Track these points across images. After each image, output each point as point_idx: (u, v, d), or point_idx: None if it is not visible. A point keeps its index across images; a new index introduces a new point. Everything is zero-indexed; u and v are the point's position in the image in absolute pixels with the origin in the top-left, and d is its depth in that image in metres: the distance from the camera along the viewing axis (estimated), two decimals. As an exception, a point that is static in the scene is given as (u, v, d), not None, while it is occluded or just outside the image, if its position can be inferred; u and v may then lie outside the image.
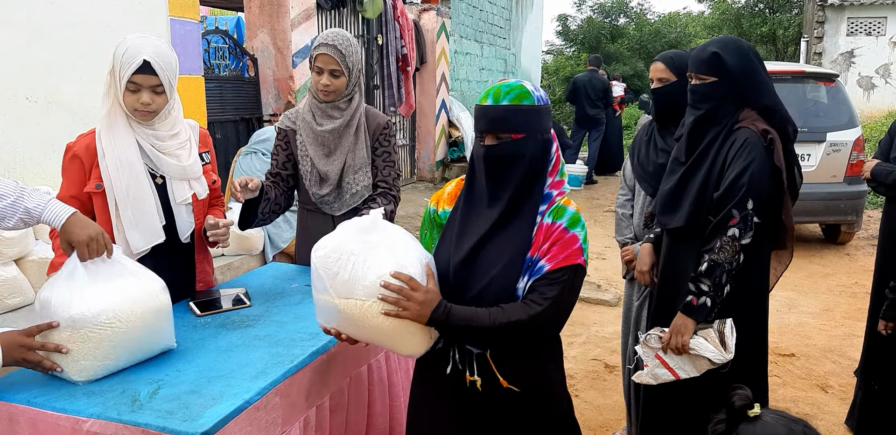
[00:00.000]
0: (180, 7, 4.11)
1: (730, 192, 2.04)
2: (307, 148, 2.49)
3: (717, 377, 2.10)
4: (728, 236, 2.02)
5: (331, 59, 2.36)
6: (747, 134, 2.07)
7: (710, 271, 2.03)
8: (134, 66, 1.91)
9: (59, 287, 1.58)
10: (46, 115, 3.40)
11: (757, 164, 2.03)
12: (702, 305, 2.05)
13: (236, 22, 8.38)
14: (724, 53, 2.09)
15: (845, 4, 15.73)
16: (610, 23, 23.96)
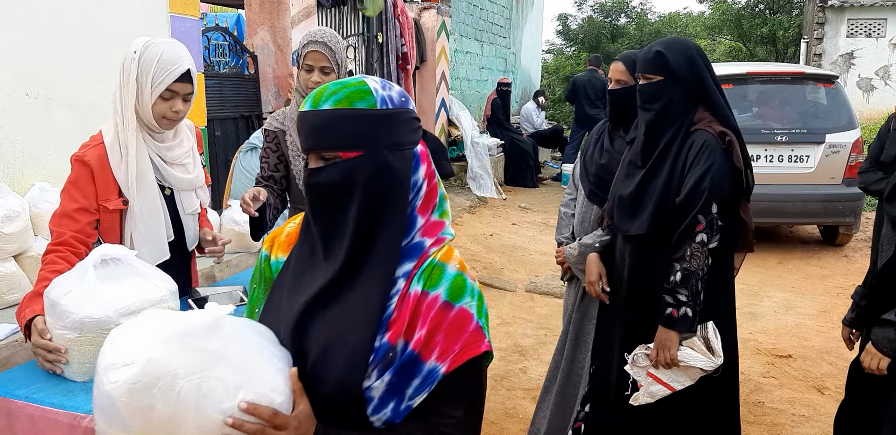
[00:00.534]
0: (181, 4, 4.11)
1: (692, 197, 2.03)
2: (299, 148, 2.46)
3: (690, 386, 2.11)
4: (697, 243, 2.02)
5: (321, 56, 2.34)
6: (705, 137, 2.06)
7: (685, 280, 2.02)
8: (176, 73, 1.88)
9: (69, 288, 1.56)
10: (46, 111, 3.39)
11: (717, 168, 2.03)
12: (683, 316, 2.03)
13: (236, 19, 8.37)
14: (668, 52, 2.11)
15: (845, 6, 15.74)
16: (610, 22, 23.96)
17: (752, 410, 3.35)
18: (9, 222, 2.99)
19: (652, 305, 2.13)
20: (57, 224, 1.88)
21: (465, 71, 10.90)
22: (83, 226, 1.88)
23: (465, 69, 10.94)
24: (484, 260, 5.99)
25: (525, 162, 10.12)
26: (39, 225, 3.24)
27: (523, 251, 6.37)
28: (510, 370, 3.76)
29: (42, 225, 3.24)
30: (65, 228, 1.86)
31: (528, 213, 8.28)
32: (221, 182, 5.08)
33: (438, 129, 9.07)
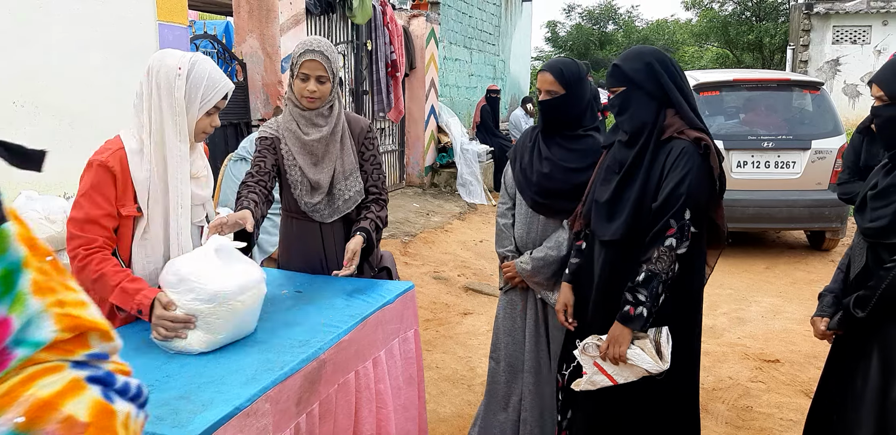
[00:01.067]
0: (169, 11, 4.11)
1: (668, 202, 2.07)
2: (295, 157, 2.45)
3: (649, 381, 2.15)
4: (665, 246, 2.05)
5: (318, 65, 2.34)
6: (682, 144, 2.09)
7: (647, 281, 2.06)
8: (223, 91, 1.99)
9: (196, 268, 1.77)
10: (34, 119, 3.38)
11: (694, 174, 2.06)
12: (638, 315, 2.07)
13: (225, 27, 8.38)
14: (623, 63, 2.17)
15: (831, 13, 15.92)
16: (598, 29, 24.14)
17: (740, 414, 3.36)
18: (-4, 231, 2.99)
19: (616, 302, 2.16)
20: (82, 229, 1.89)
21: (454, 78, 10.93)
22: (110, 232, 1.93)
23: (455, 76, 10.98)
24: (474, 266, 6.00)
25: (514, 168, 10.14)
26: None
27: (513, 257, 6.38)
28: (500, 377, 3.76)
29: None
30: (94, 234, 1.89)
31: (518, 220, 8.29)
32: (211, 189, 5.07)
33: (428, 135, 9.10)
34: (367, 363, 2.07)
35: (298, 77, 2.36)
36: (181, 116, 1.94)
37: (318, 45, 2.35)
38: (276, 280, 2.45)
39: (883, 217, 1.94)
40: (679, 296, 2.15)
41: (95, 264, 1.86)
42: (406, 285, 2.42)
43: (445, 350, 4.13)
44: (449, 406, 3.41)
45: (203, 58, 1.99)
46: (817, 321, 2.21)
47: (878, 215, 1.96)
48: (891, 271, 1.89)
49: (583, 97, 2.44)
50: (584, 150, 2.47)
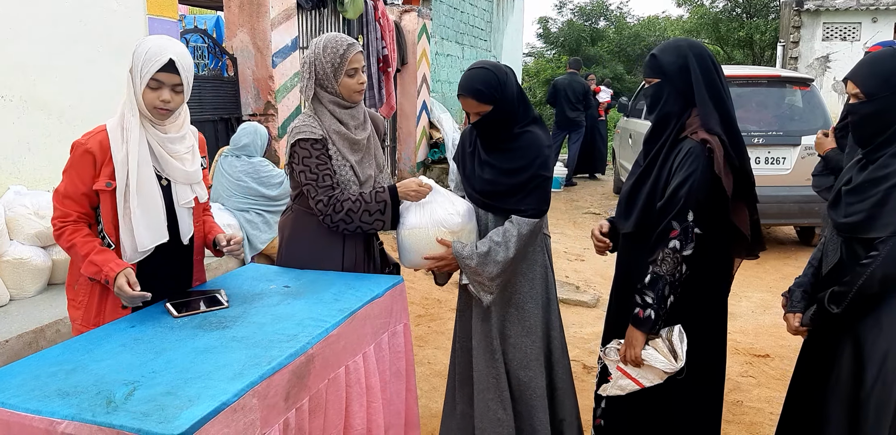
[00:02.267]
0: (159, 5, 4.08)
1: (669, 203, 2.07)
2: (346, 157, 2.42)
3: (674, 381, 2.16)
4: (669, 248, 2.05)
5: (362, 56, 2.40)
6: (690, 144, 2.09)
7: (652, 284, 2.07)
8: (159, 63, 2.00)
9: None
10: (22, 114, 3.36)
11: (697, 176, 2.05)
12: (647, 318, 2.09)
13: (215, 21, 8.33)
14: (660, 54, 2.17)
15: (821, 10, 15.97)
16: (590, 26, 24.13)
17: (730, 409, 3.38)
18: (-17, 226, 2.96)
19: (629, 303, 2.18)
20: (62, 203, 2.08)
21: (446, 73, 10.91)
22: (87, 209, 2.09)
23: (447, 72, 10.96)
24: (465, 262, 5.99)
25: (506, 164, 10.13)
26: (15, 229, 3.20)
27: (504, 253, 6.38)
28: (491, 372, 3.76)
29: (17, 229, 3.20)
30: (70, 209, 2.07)
31: (510, 216, 8.29)
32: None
33: (420, 131, 9.08)
34: (357, 358, 2.07)
35: (347, 74, 2.36)
36: (132, 91, 2.04)
37: (350, 38, 2.39)
38: (265, 275, 2.45)
39: (859, 212, 1.93)
40: (703, 296, 2.16)
41: (68, 235, 2.05)
42: (395, 279, 2.41)
43: (437, 346, 4.13)
44: (441, 401, 3.41)
45: (156, 37, 2.07)
46: (790, 318, 2.22)
47: (853, 211, 1.96)
48: (867, 267, 1.89)
49: (511, 101, 2.35)
50: (523, 147, 2.38)
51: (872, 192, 1.91)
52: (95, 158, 2.05)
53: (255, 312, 2.04)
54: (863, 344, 1.97)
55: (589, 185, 10.61)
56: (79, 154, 2.06)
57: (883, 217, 1.87)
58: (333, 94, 2.40)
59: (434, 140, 9.37)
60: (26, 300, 3.19)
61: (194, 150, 2.22)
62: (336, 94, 2.40)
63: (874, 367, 1.93)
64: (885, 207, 1.87)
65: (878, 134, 1.95)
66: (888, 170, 1.89)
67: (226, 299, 2.13)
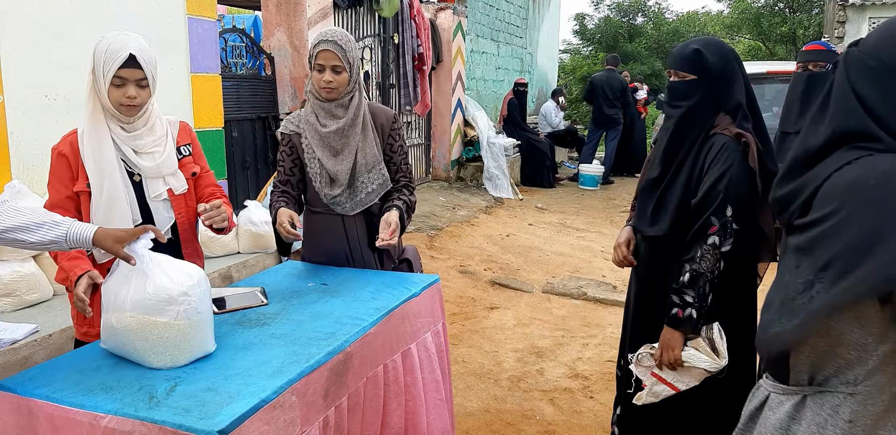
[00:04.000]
0: (198, 6, 4.13)
1: (707, 198, 2.02)
2: (314, 150, 2.45)
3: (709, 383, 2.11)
4: (708, 245, 2.00)
5: (332, 54, 2.33)
6: (724, 139, 2.04)
7: (692, 282, 2.01)
8: (120, 60, 1.95)
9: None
10: (65, 112, 3.42)
11: (735, 170, 2.01)
12: (688, 317, 2.02)
13: (253, 20, 8.41)
14: (706, 51, 2.08)
15: (867, 4, 15.56)
16: (627, 22, 23.84)
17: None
18: (29, 223, 3.02)
19: (661, 306, 2.13)
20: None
21: (481, 71, 10.88)
22: (74, 214, 2.03)
23: (482, 69, 10.92)
24: (500, 261, 5.98)
25: (542, 162, 10.08)
26: (59, 225, 3.27)
27: (540, 252, 6.34)
28: (527, 371, 3.74)
29: (62, 225, 3.27)
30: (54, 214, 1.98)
31: (545, 214, 8.25)
32: (239, 181, 5.10)
33: (454, 129, 9.07)
34: (395, 356, 2.06)
35: (315, 68, 2.37)
36: (94, 91, 2.01)
37: (332, 35, 2.35)
38: (302, 272, 2.46)
39: None
40: (734, 293, 2.11)
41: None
42: (431, 278, 2.40)
43: (472, 344, 4.12)
44: (476, 401, 3.40)
45: (114, 33, 2.01)
46: None
47: None
48: None
49: None
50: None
51: None
52: (69, 161, 2.04)
53: (293, 309, 2.05)
54: None
55: (626, 184, 10.49)
56: (54, 158, 2.06)
57: None
58: (313, 86, 2.43)
59: (468, 138, 9.34)
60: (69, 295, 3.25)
61: (166, 141, 2.16)
62: (314, 87, 2.43)
63: None
64: None
65: None
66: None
67: (265, 297, 2.14)
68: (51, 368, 1.64)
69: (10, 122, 3.15)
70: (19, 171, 3.22)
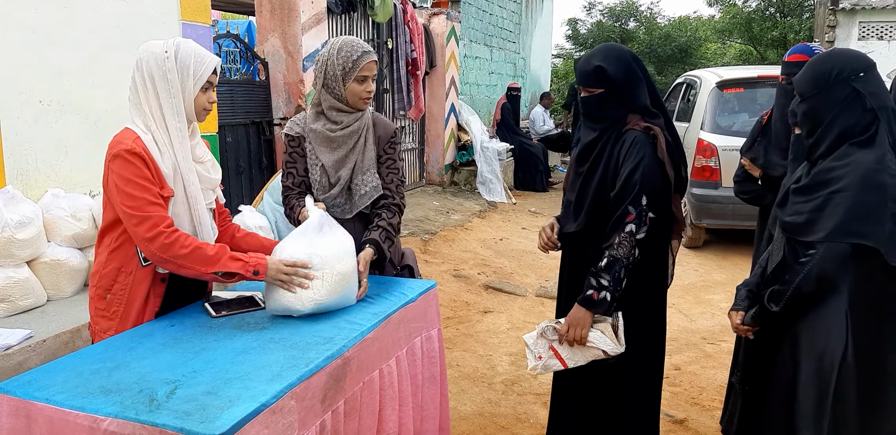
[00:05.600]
0: (192, 11, 4.14)
1: (624, 189, 2.14)
2: (317, 154, 2.46)
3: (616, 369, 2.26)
4: (626, 232, 2.13)
5: (374, 65, 2.39)
6: (634, 134, 2.19)
7: (609, 266, 2.13)
8: (212, 65, 2.02)
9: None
10: (59, 117, 3.43)
11: (647, 161, 2.15)
12: (602, 300, 2.14)
13: (247, 26, 8.43)
14: (607, 65, 2.20)
15: (857, 9, 15.69)
16: (620, 26, 23.95)
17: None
18: (22, 228, 3.02)
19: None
20: (148, 211, 1.92)
21: (474, 76, 10.92)
22: (166, 211, 1.99)
23: (475, 74, 10.96)
24: (494, 265, 5.99)
25: (535, 166, 10.11)
26: (52, 231, 3.26)
27: (533, 256, 6.36)
28: (521, 375, 3.75)
29: (55, 231, 3.26)
30: (161, 213, 1.95)
31: (538, 218, 8.27)
32: (234, 186, 5.11)
33: (448, 134, 9.09)
34: (390, 362, 2.07)
35: (356, 79, 2.36)
36: (177, 98, 1.99)
37: (366, 45, 2.40)
38: (299, 277, 2.46)
39: (801, 214, 1.96)
40: (644, 282, 2.26)
41: (184, 240, 1.94)
42: (428, 284, 2.42)
43: (466, 348, 4.13)
44: (470, 404, 3.41)
45: (184, 40, 2.05)
46: (733, 315, 2.24)
47: (796, 211, 1.99)
48: (805, 266, 1.91)
49: None
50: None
51: (815, 196, 1.93)
52: (147, 163, 1.96)
53: (290, 313, 2.06)
54: (800, 344, 2.00)
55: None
56: (134, 160, 1.93)
57: (819, 222, 1.89)
58: (337, 98, 2.40)
59: (462, 142, 9.37)
60: (63, 301, 3.24)
61: (209, 153, 2.20)
62: (340, 99, 2.40)
63: (810, 365, 1.96)
64: (822, 212, 1.89)
65: (810, 134, 2.01)
66: (830, 175, 1.91)
67: (263, 301, 2.15)
68: (50, 371, 1.64)
69: (4, 127, 3.15)
70: (13, 177, 3.22)
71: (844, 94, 1.92)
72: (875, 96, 1.91)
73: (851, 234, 1.83)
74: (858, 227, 1.82)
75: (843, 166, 1.88)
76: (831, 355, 1.91)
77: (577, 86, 2.30)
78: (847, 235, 1.84)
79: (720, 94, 6.64)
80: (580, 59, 2.33)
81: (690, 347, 4.22)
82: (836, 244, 1.86)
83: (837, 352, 1.90)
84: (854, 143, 1.90)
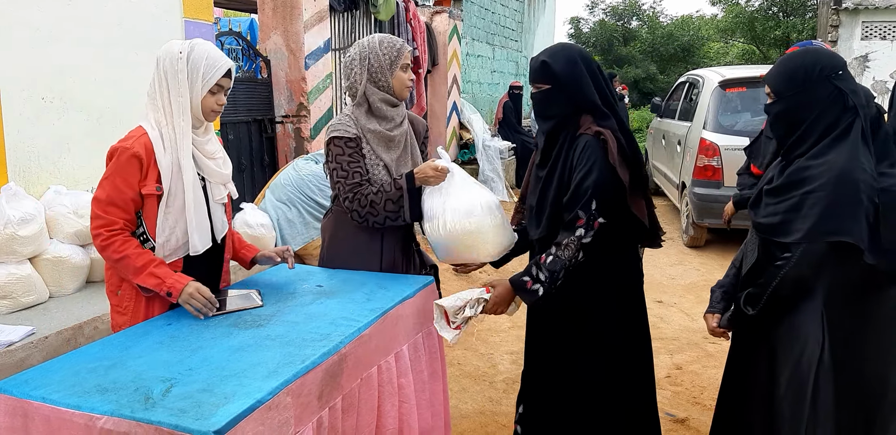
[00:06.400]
0: (195, 8, 4.14)
1: (576, 195, 2.15)
2: (378, 154, 2.45)
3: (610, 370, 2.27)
4: (575, 236, 2.14)
5: (410, 55, 2.48)
6: (586, 139, 2.18)
7: (552, 264, 2.15)
8: (224, 69, 2.07)
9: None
10: (61, 114, 3.43)
11: (598, 166, 2.13)
12: (533, 291, 2.15)
13: (250, 23, 8.42)
14: (552, 61, 2.22)
15: (860, 8, 15.65)
16: (622, 26, 23.93)
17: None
18: (24, 225, 3.02)
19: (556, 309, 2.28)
20: (105, 211, 2.04)
21: (476, 74, 10.91)
22: (131, 215, 2.07)
23: (477, 73, 10.95)
24: (495, 263, 5.98)
25: (537, 165, 10.10)
26: (54, 228, 3.27)
27: (535, 254, 6.36)
28: (522, 374, 3.75)
29: (57, 228, 3.27)
30: (115, 216, 2.04)
31: (540, 217, 8.26)
32: (235, 183, 5.10)
33: (450, 132, 9.09)
34: (388, 358, 2.07)
35: (402, 68, 2.44)
36: (184, 97, 2.06)
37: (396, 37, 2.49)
38: (298, 274, 2.47)
39: (775, 214, 1.93)
40: (616, 286, 2.28)
41: (118, 245, 2.02)
42: (426, 280, 2.42)
43: (467, 347, 4.13)
44: (471, 402, 3.41)
45: (202, 41, 2.10)
46: (709, 318, 2.23)
47: (770, 212, 1.96)
48: (781, 269, 1.89)
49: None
50: None
51: (788, 196, 1.90)
52: (142, 162, 2.04)
53: (288, 310, 2.06)
54: (776, 348, 1.99)
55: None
56: (125, 159, 2.03)
57: (795, 222, 1.86)
58: (385, 89, 2.44)
59: (464, 141, 9.37)
60: (65, 298, 3.25)
61: (222, 150, 2.27)
62: (387, 90, 2.44)
63: (787, 369, 1.94)
64: (798, 213, 1.86)
65: (789, 134, 1.96)
66: (805, 174, 1.87)
67: (260, 298, 2.15)
68: (47, 370, 1.64)
69: (6, 124, 3.15)
70: (15, 174, 3.23)
71: (827, 93, 1.89)
72: (855, 94, 1.89)
73: (829, 232, 1.80)
74: (836, 225, 1.79)
75: (819, 166, 1.85)
76: (808, 358, 1.90)
77: (531, 83, 2.32)
78: (825, 234, 1.81)
79: (723, 93, 6.63)
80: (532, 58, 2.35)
81: (692, 346, 4.22)
82: (813, 246, 1.83)
83: (814, 355, 1.89)
84: (829, 142, 1.87)
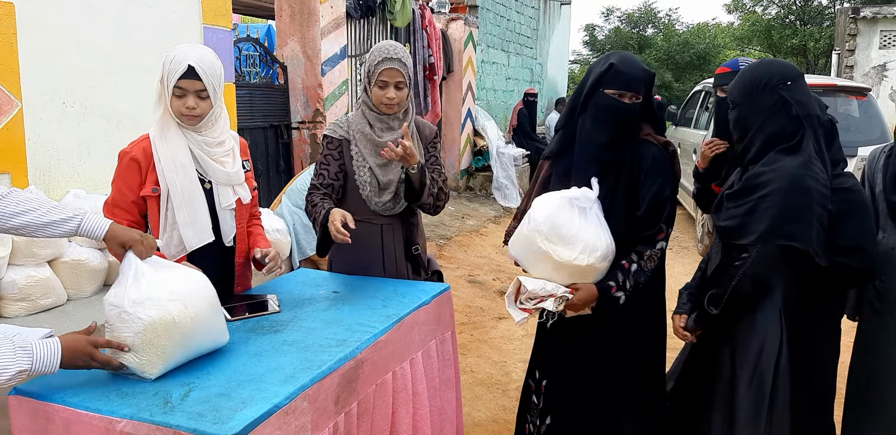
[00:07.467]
0: (213, 15, 4.18)
1: (655, 208, 2.17)
2: (366, 159, 2.46)
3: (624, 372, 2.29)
4: (657, 249, 2.19)
5: (397, 72, 2.37)
6: (653, 149, 2.21)
7: (637, 275, 2.16)
8: (180, 71, 2.04)
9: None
10: (82, 119, 3.47)
11: (670, 179, 2.20)
12: (615, 298, 2.16)
13: (267, 30, 8.48)
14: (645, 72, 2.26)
15: (878, 17, 15.55)
16: (638, 33, 23.91)
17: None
18: (44, 228, 3.05)
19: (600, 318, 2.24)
20: (112, 213, 2.12)
21: (491, 81, 10.93)
22: (137, 217, 2.14)
23: (492, 80, 10.97)
24: (508, 270, 5.98)
25: (551, 172, 10.08)
26: (74, 231, 3.30)
27: (548, 262, 6.34)
28: (535, 381, 3.74)
29: (76, 231, 3.30)
30: (120, 217, 2.09)
31: (554, 224, 8.24)
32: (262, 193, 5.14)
33: (464, 139, 9.11)
34: (404, 364, 2.08)
35: (377, 84, 2.39)
36: (163, 98, 2.11)
37: (395, 51, 2.38)
38: (314, 280, 2.48)
39: (734, 218, 2.01)
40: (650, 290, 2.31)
41: None
42: (442, 287, 2.42)
43: (480, 354, 4.12)
44: (484, 410, 3.40)
45: (182, 46, 2.10)
46: (676, 319, 2.26)
47: (729, 215, 2.04)
48: (739, 268, 1.96)
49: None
50: None
51: (745, 200, 1.98)
52: (140, 166, 2.11)
53: (305, 316, 2.07)
54: (737, 347, 2.05)
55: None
56: (125, 163, 2.12)
57: (751, 225, 1.94)
58: (369, 99, 2.47)
59: (478, 148, 9.38)
60: (83, 300, 3.28)
61: (234, 153, 2.27)
62: (370, 101, 2.46)
63: (748, 367, 2.01)
64: (753, 216, 1.94)
65: (740, 141, 2.08)
66: (759, 180, 1.96)
67: (277, 304, 2.16)
68: (67, 374, 1.65)
69: (27, 128, 3.19)
70: (35, 177, 3.26)
71: (772, 102, 1.98)
72: (801, 104, 1.96)
73: (781, 236, 1.89)
74: (788, 230, 1.88)
75: (771, 172, 1.93)
76: (768, 356, 1.98)
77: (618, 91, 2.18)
78: (777, 237, 1.90)
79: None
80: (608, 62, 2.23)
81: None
82: (767, 246, 1.92)
83: (773, 353, 1.97)
84: (781, 150, 1.96)
